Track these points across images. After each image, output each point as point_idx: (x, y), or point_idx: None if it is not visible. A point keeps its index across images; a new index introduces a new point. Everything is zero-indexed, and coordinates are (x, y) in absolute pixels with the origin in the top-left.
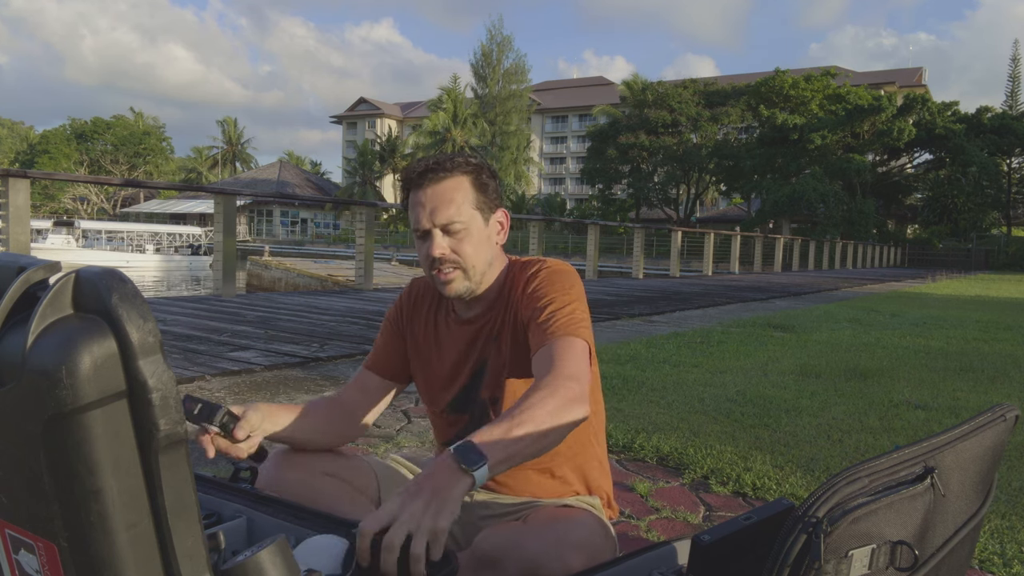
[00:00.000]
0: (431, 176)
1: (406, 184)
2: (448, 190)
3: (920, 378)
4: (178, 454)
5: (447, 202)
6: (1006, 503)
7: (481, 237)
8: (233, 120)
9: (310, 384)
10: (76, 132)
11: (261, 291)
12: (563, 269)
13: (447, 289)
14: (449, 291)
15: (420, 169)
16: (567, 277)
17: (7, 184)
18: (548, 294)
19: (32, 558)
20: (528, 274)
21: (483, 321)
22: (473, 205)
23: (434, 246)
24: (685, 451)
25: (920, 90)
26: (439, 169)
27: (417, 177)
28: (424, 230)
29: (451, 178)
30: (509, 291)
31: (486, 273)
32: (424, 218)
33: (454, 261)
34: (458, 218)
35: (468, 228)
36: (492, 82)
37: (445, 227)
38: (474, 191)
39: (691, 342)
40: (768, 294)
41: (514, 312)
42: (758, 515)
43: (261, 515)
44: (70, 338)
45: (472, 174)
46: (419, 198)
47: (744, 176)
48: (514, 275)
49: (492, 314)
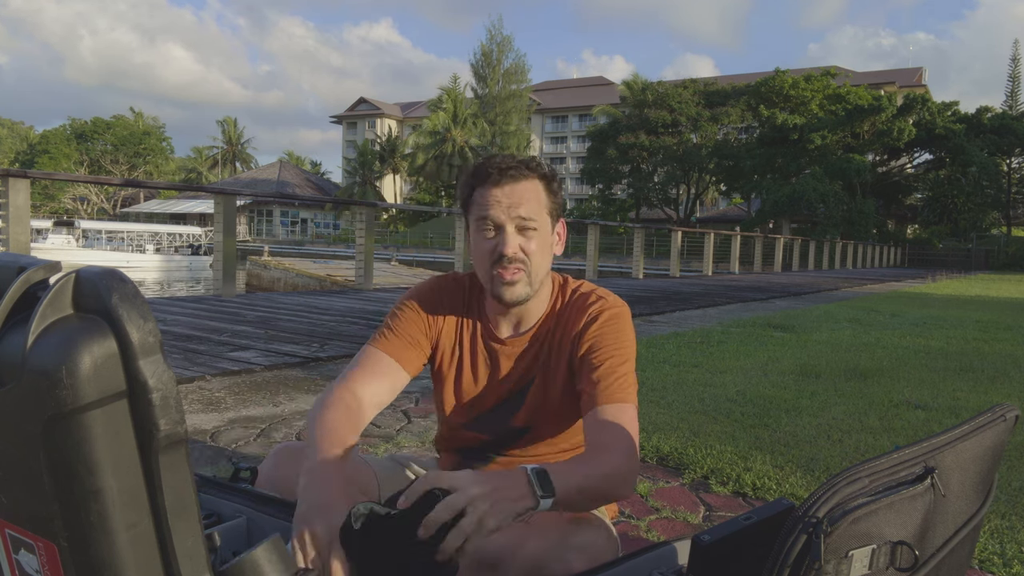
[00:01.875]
0: (512, 173)
1: (477, 179)
2: (527, 189)
3: (920, 378)
4: (178, 454)
5: (526, 200)
6: (1006, 503)
7: (546, 243)
8: (233, 120)
9: (310, 384)
10: (76, 132)
11: (260, 291)
12: (623, 315)
13: (509, 291)
14: (511, 294)
15: (500, 166)
16: (626, 325)
17: (7, 184)
18: (610, 346)
19: (32, 558)
20: (589, 314)
21: (529, 345)
22: (546, 210)
23: (507, 243)
24: (685, 451)
25: (920, 90)
26: (520, 168)
27: (497, 173)
28: (498, 224)
29: (530, 179)
30: (561, 321)
31: (543, 282)
32: (500, 213)
33: (522, 261)
34: (534, 216)
35: (539, 230)
36: (492, 82)
37: (521, 225)
38: (547, 196)
39: (691, 342)
40: (768, 294)
41: (568, 349)
42: (758, 515)
43: (261, 515)
44: (70, 338)
45: (546, 179)
46: (494, 194)
47: (744, 176)
48: (567, 304)
49: (540, 340)
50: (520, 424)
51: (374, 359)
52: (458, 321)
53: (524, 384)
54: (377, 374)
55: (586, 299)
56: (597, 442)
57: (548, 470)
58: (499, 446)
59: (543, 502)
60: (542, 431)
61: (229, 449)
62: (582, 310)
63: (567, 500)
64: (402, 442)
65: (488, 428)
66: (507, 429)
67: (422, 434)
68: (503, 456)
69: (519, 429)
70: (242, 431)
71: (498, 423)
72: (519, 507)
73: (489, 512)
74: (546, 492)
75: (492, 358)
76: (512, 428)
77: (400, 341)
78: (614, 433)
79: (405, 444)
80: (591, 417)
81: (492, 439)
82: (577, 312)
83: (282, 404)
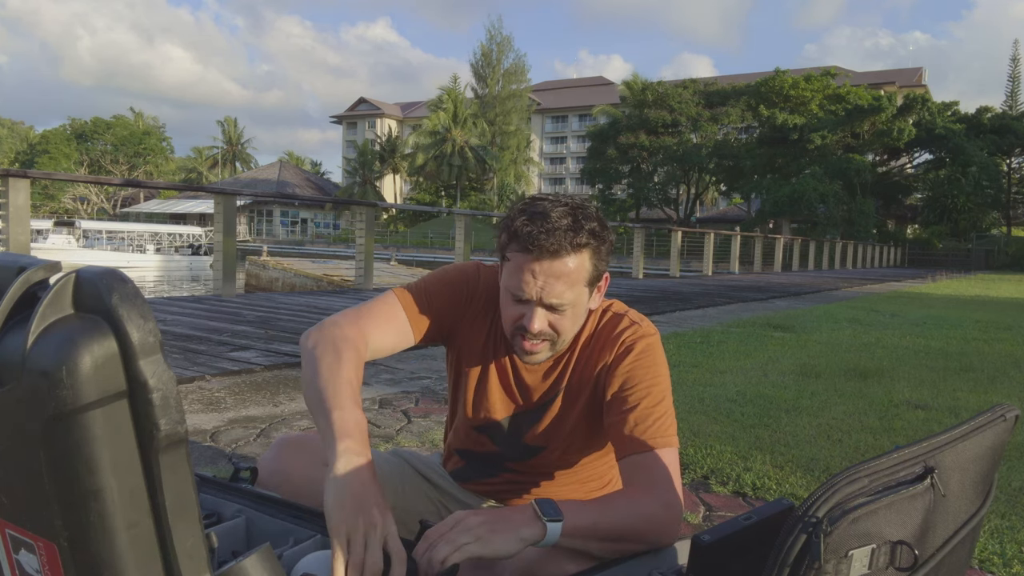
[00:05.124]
0: (553, 248)
1: (520, 238)
2: (567, 271)
3: (920, 378)
4: (178, 454)
5: (563, 283)
6: (1006, 503)
7: (581, 311)
8: (233, 120)
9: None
10: (76, 132)
11: (259, 291)
12: (656, 345)
13: (529, 359)
14: (530, 360)
15: (543, 230)
16: (659, 356)
17: (7, 184)
18: (645, 383)
19: (32, 558)
20: (622, 344)
21: (555, 363)
22: (586, 282)
23: (534, 321)
24: (685, 451)
25: (920, 90)
26: (567, 237)
27: (537, 251)
28: (527, 299)
29: (575, 256)
30: (591, 345)
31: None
32: (532, 290)
33: (548, 335)
34: (568, 299)
35: (574, 306)
36: (492, 82)
37: (551, 306)
38: (592, 266)
39: (691, 342)
40: (768, 294)
41: (596, 379)
42: (758, 515)
43: (261, 515)
44: (70, 338)
45: (595, 248)
46: (531, 266)
47: (744, 176)
48: (599, 328)
49: (566, 360)
50: (531, 442)
51: (392, 311)
52: (488, 317)
53: (545, 400)
54: (390, 330)
55: (618, 324)
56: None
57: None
58: (509, 459)
59: (551, 526)
60: (553, 452)
61: (229, 449)
62: (615, 339)
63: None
64: (402, 442)
65: (500, 439)
66: (519, 444)
67: (422, 434)
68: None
69: (531, 447)
70: (242, 431)
71: (511, 435)
72: (521, 531)
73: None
74: (551, 516)
75: (516, 368)
76: (523, 445)
77: (425, 306)
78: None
79: (405, 444)
80: (629, 463)
81: (503, 451)
82: (609, 340)
83: (282, 404)
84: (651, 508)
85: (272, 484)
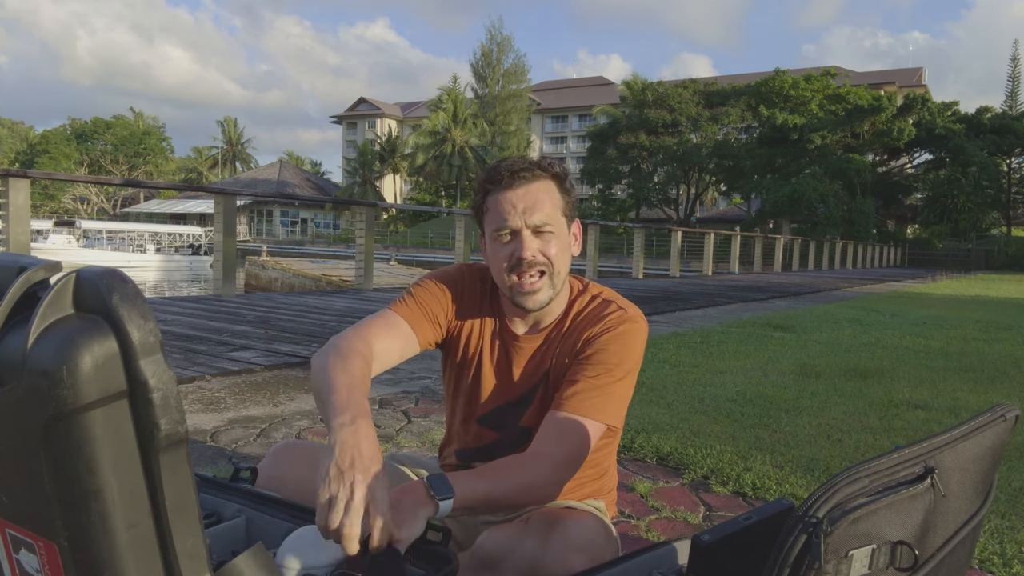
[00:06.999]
0: (523, 176)
1: (489, 184)
2: (540, 191)
3: (920, 378)
4: (178, 454)
5: (540, 202)
6: (1006, 503)
7: (565, 243)
8: (233, 120)
9: (310, 384)
10: (76, 132)
11: (259, 291)
12: (638, 330)
13: (531, 300)
14: (533, 302)
15: (511, 168)
16: (636, 341)
17: (7, 184)
18: (610, 360)
19: (33, 558)
20: (604, 322)
21: (543, 343)
22: (561, 210)
23: (525, 247)
24: (685, 451)
25: (920, 90)
26: (531, 169)
27: (508, 177)
28: (514, 230)
29: (542, 180)
30: (577, 324)
31: (564, 283)
32: (515, 217)
33: (542, 264)
34: (550, 220)
35: (556, 232)
36: (492, 82)
37: (537, 228)
38: (560, 196)
39: (691, 342)
40: (768, 294)
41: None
42: (758, 515)
43: (261, 515)
44: (71, 338)
45: (558, 179)
46: (507, 198)
47: (744, 176)
48: (586, 308)
49: (554, 340)
50: (528, 424)
51: (392, 320)
52: (478, 312)
53: (535, 382)
54: (392, 335)
55: (606, 306)
56: (534, 448)
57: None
58: (509, 445)
59: (442, 504)
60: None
61: (229, 449)
62: (600, 318)
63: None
64: (402, 442)
65: (499, 425)
66: (517, 428)
67: (422, 434)
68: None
69: (528, 429)
70: (242, 431)
71: (508, 421)
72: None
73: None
74: (443, 495)
75: (507, 354)
76: (522, 427)
77: (420, 311)
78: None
79: (405, 444)
80: (551, 417)
81: (502, 437)
82: (594, 318)
83: (282, 404)
84: (544, 470)
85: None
